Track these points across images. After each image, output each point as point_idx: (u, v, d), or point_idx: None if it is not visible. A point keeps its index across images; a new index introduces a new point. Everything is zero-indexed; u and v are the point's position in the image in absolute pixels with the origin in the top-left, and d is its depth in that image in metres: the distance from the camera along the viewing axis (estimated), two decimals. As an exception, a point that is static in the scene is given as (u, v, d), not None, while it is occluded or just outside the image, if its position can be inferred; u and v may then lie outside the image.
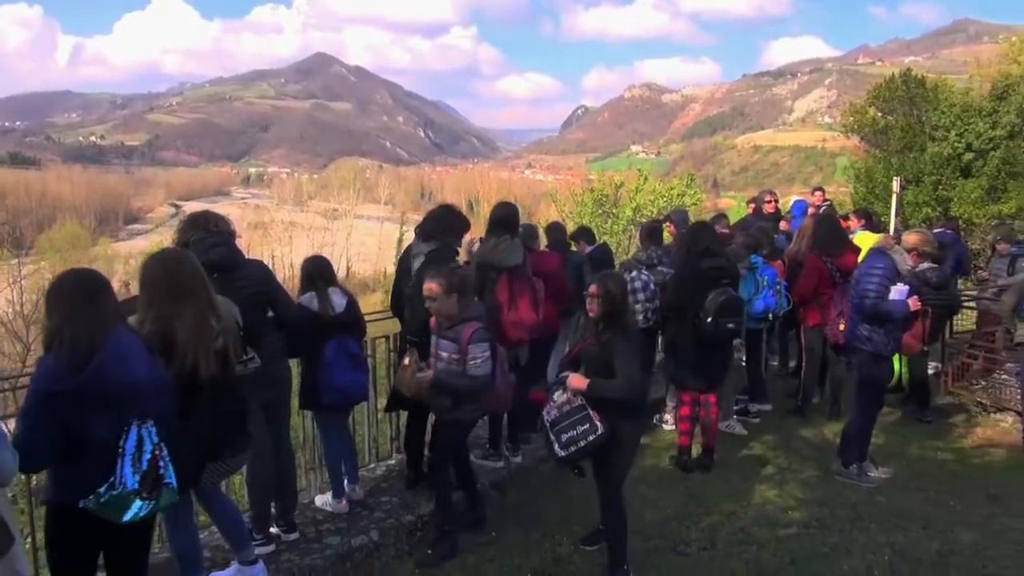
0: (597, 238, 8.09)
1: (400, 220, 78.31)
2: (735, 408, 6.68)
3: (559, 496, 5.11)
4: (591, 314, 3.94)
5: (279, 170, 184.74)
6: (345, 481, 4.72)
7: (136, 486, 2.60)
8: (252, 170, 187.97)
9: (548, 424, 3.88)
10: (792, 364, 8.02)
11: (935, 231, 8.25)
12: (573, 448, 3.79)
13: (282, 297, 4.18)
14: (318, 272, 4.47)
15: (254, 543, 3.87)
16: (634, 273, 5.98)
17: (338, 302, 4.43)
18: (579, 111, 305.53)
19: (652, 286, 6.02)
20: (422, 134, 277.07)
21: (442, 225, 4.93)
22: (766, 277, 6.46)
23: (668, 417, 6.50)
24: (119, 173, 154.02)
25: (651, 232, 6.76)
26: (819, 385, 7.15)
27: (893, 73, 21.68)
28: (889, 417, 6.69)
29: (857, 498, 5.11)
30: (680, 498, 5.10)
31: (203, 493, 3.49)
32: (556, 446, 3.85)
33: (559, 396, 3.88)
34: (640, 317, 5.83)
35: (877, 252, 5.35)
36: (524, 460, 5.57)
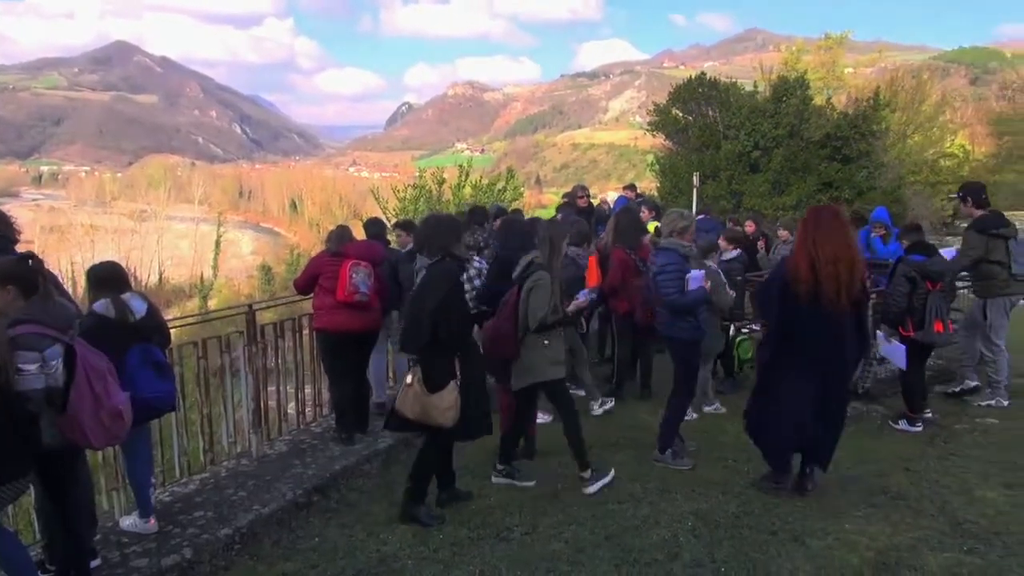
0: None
1: (217, 221, 74.32)
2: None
3: (385, 496, 5.09)
4: None
5: (76, 168, 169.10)
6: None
7: None
8: (44, 168, 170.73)
9: None
10: (608, 351, 8.46)
11: (697, 218, 9.02)
12: None
13: (71, 307, 3.84)
14: (108, 277, 4.16)
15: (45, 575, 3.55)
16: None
17: (137, 307, 4.14)
18: (403, 108, 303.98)
19: (485, 270, 5.98)
20: (238, 130, 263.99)
21: (433, 236, 4.69)
22: None
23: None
24: None
25: (472, 213, 6.89)
26: (631, 369, 7.60)
27: (691, 76, 23.43)
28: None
29: (666, 472, 5.48)
30: (504, 485, 5.23)
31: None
32: None
33: None
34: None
35: (662, 251, 5.65)
36: (347, 459, 5.50)
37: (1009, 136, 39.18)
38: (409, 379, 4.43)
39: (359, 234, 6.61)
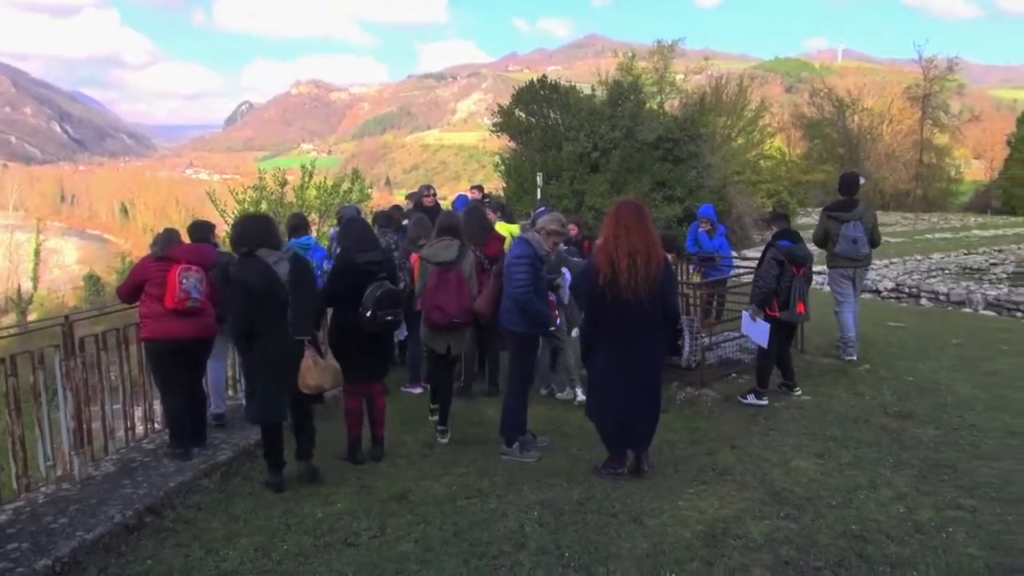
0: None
1: (36, 227, 68.15)
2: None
3: (224, 510, 4.87)
4: None
5: None
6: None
7: None
8: None
9: None
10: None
11: (538, 210, 9.40)
12: None
13: None
14: None
15: None
16: None
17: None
18: (243, 107, 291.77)
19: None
20: (58, 129, 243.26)
21: (274, 232, 5.12)
22: None
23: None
24: None
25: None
26: (480, 366, 7.70)
27: (532, 79, 24.03)
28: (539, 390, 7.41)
29: (512, 465, 5.59)
30: (351, 490, 5.15)
31: None
32: None
33: None
34: None
35: (519, 241, 5.81)
36: (183, 475, 5.22)
37: (819, 140, 43.06)
38: (316, 359, 4.99)
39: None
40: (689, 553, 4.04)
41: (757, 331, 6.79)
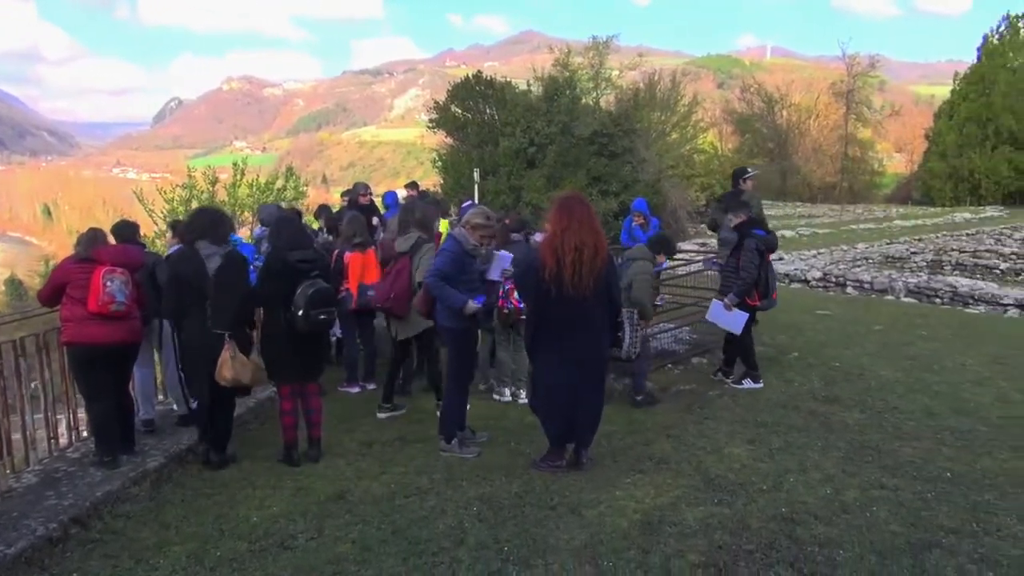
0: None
1: (-50, 230, 64.94)
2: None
3: (154, 520, 4.73)
4: None
5: None
6: None
7: None
8: None
9: None
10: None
11: (464, 204, 9.48)
12: None
13: None
14: None
15: None
16: None
17: None
18: (172, 103, 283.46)
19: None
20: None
21: (220, 225, 5.36)
22: None
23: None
24: None
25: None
26: (418, 364, 7.64)
27: (467, 74, 23.98)
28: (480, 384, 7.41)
29: (452, 461, 5.58)
30: (287, 493, 5.06)
31: None
32: None
33: None
34: None
35: (448, 237, 5.83)
36: (111, 484, 5.05)
37: (749, 134, 44.13)
38: (234, 352, 5.07)
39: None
40: (626, 542, 4.09)
41: (731, 319, 6.91)
